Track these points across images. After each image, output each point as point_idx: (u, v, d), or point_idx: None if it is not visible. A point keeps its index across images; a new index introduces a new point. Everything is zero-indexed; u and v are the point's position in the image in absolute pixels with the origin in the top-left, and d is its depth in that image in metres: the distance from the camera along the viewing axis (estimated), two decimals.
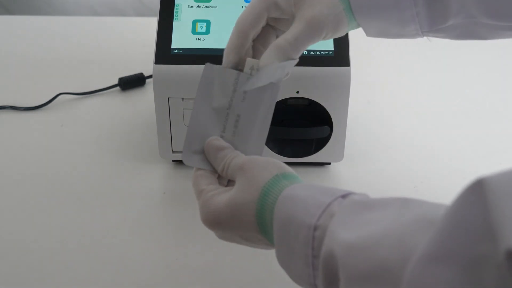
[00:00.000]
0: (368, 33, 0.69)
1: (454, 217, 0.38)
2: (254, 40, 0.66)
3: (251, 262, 0.76)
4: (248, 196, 0.56)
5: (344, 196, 0.53)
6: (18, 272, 0.75)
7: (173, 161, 0.92)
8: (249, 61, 0.64)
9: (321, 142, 0.88)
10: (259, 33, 0.66)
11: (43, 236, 0.80)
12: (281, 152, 0.88)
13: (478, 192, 0.37)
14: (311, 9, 0.63)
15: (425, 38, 0.69)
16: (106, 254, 0.77)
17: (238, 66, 0.65)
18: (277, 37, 0.68)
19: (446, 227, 0.39)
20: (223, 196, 0.58)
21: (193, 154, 0.64)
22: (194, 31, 0.85)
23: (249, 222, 0.56)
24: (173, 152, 0.89)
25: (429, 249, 0.39)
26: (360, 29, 0.75)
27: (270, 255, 0.77)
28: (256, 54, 0.67)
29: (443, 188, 0.88)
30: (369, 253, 0.45)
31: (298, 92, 0.83)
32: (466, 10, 0.63)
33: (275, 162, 0.59)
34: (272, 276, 0.75)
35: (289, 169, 0.59)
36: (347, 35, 0.84)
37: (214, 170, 0.63)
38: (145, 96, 1.09)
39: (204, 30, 0.85)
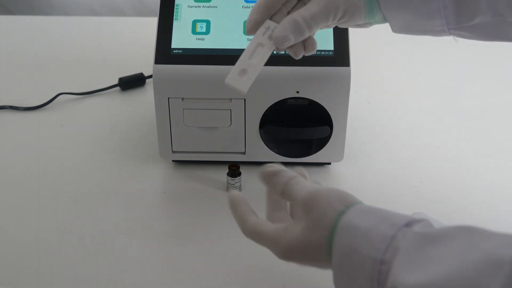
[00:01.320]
0: (394, 28, 0.69)
1: None
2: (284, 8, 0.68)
3: (251, 262, 0.76)
4: (319, 239, 0.55)
5: (408, 224, 0.52)
6: (18, 272, 0.75)
7: (173, 161, 0.92)
8: (267, 22, 0.67)
9: (321, 142, 0.88)
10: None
11: (43, 236, 0.80)
12: (281, 152, 0.88)
13: None
14: None
15: (451, 37, 0.68)
16: (106, 254, 0.77)
17: (259, 25, 0.67)
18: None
19: None
20: (293, 233, 0.57)
21: None
22: (194, 31, 0.85)
23: (320, 256, 0.55)
24: (173, 152, 0.89)
25: None
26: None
27: (269, 255, 0.77)
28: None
29: (443, 188, 0.88)
30: None
31: (298, 92, 0.83)
32: (495, 7, 0.63)
33: (339, 195, 0.56)
34: (272, 276, 0.75)
35: (350, 198, 0.56)
36: (347, 34, 0.84)
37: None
38: (145, 96, 1.09)
39: (204, 30, 0.85)
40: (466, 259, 0.44)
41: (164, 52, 0.83)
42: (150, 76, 1.11)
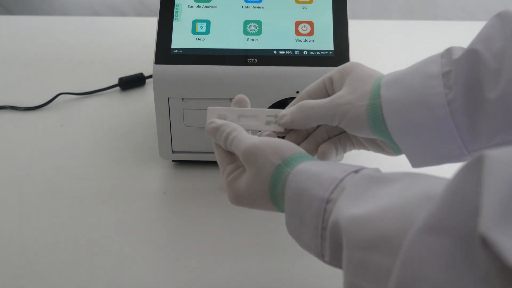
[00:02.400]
0: (411, 160, 0.66)
1: (452, 191, 0.40)
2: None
3: (251, 262, 0.76)
4: (260, 187, 0.60)
5: (357, 171, 0.55)
6: (18, 272, 0.75)
7: (173, 161, 0.92)
8: (281, 110, 0.69)
9: None
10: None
11: (42, 236, 0.80)
12: None
13: (477, 168, 0.38)
14: (339, 93, 0.66)
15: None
16: (106, 254, 0.78)
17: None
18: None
19: (444, 200, 0.40)
20: (241, 183, 0.62)
21: None
22: (194, 31, 0.85)
23: (266, 204, 0.61)
24: (173, 152, 0.89)
25: (427, 221, 0.40)
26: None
27: (270, 255, 0.77)
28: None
29: None
30: (371, 224, 0.47)
31: (298, 92, 0.83)
32: None
33: (275, 148, 0.60)
34: (272, 276, 0.75)
35: (288, 151, 0.60)
36: (347, 34, 0.84)
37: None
38: (145, 96, 1.09)
39: (204, 30, 0.85)
40: (403, 195, 0.47)
41: (164, 52, 0.83)
42: (150, 76, 1.11)
